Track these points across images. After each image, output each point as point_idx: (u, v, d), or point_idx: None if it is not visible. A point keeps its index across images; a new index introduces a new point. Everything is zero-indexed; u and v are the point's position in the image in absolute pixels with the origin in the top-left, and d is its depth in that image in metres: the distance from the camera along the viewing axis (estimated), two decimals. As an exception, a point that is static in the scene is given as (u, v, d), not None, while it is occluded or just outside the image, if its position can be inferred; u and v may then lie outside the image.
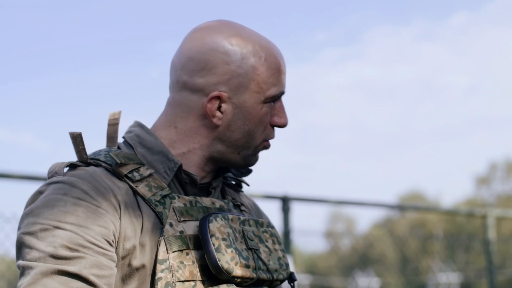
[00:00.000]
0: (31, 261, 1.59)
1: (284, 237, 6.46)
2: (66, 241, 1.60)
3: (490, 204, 36.93)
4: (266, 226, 1.87)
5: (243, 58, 1.79)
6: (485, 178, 40.23)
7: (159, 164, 1.79)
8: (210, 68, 1.79)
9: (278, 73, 1.83)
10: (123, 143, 1.85)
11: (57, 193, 1.66)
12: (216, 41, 1.81)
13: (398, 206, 13.50)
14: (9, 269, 6.45)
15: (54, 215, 1.63)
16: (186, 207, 1.76)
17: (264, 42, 1.84)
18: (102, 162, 1.75)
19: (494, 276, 8.43)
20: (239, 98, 1.80)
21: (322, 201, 7.02)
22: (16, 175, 5.14)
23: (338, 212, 41.94)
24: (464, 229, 25.75)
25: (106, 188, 1.69)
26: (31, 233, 1.62)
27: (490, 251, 8.45)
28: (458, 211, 11.83)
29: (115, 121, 1.84)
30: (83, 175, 1.70)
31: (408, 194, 41.44)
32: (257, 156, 1.89)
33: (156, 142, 1.81)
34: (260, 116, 1.82)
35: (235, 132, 1.81)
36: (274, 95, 1.82)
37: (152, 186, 1.75)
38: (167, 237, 1.69)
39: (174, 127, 1.83)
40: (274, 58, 1.83)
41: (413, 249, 10.71)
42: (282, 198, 6.46)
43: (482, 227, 8.68)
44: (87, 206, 1.65)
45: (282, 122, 1.86)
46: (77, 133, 1.74)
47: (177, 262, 1.68)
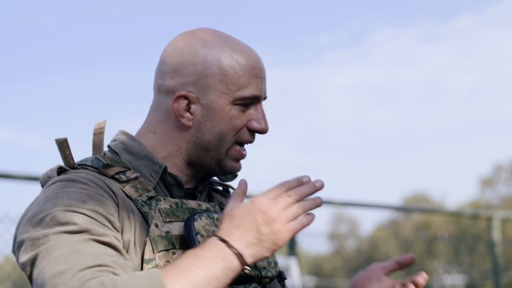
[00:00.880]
0: (52, 241, 1.57)
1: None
2: (83, 219, 1.60)
3: (495, 206, 36.86)
4: None
5: (212, 60, 1.80)
6: (489, 180, 40.14)
7: (145, 168, 1.81)
8: (179, 69, 1.81)
9: (249, 75, 1.82)
10: (108, 151, 1.87)
11: (57, 189, 1.68)
12: (187, 44, 1.83)
13: (402, 208, 13.51)
14: (14, 270, 6.45)
15: (60, 203, 1.63)
16: (172, 209, 1.77)
17: (239, 46, 1.85)
18: (88, 167, 1.76)
19: (499, 278, 8.43)
20: (207, 99, 1.81)
21: (327, 202, 7.02)
22: (19, 176, 5.15)
23: (342, 214, 41.88)
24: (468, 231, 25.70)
25: (102, 183, 1.71)
26: (43, 226, 1.61)
27: (495, 253, 8.44)
28: (462, 213, 11.84)
29: (100, 130, 1.85)
30: (78, 174, 1.72)
31: (413, 196, 41.36)
32: (232, 163, 1.87)
33: (140, 147, 1.83)
34: (229, 118, 1.82)
35: (206, 134, 1.82)
36: (244, 97, 1.82)
37: (138, 188, 1.76)
38: (153, 237, 1.70)
39: (153, 132, 1.86)
40: (247, 61, 1.83)
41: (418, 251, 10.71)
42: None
43: (487, 229, 8.69)
44: (91, 195, 1.66)
45: (260, 127, 1.85)
46: (62, 139, 1.76)
47: (163, 262, 1.69)
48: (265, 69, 1.86)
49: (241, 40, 1.89)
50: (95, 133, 1.85)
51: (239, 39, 1.88)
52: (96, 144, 1.85)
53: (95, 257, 1.55)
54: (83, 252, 1.55)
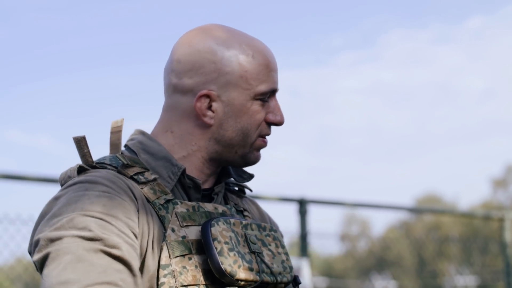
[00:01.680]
0: (65, 244, 1.56)
1: (301, 239, 6.45)
2: (99, 226, 1.59)
3: (507, 206, 36.78)
4: (269, 230, 1.87)
5: (230, 56, 1.80)
6: (501, 180, 40.07)
7: (163, 169, 1.80)
8: (197, 68, 1.80)
9: (267, 69, 1.83)
10: (125, 150, 1.86)
11: (77, 192, 1.66)
12: (203, 42, 1.82)
13: (414, 209, 13.48)
14: (26, 271, 6.46)
15: (80, 206, 1.61)
16: (188, 212, 1.76)
17: (252, 41, 1.85)
18: (107, 165, 1.75)
19: (511, 279, 8.39)
20: (228, 96, 1.80)
21: (339, 203, 7.01)
22: (31, 177, 5.16)
23: (354, 215, 41.84)
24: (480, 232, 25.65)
25: (123, 185, 1.70)
26: (59, 228, 1.59)
27: (507, 253, 8.41)
28: (474, 214, 11.80)
29: (118, 128, 1.83)
30: (99, 174, 1.70)
31: (425, 197, 41.30)
32: (256, 154, 1.88)
33: (159, 148, 1.82)
34: (251, 113, 1.82)
35: (228, 131, 1.81)
36: (264, 92, 1.82)
37: (156, 190, 1.75)
38: (169, 242, 1.69)
39: (171, 131, 1.84)
40: (262, 56, 1.83)
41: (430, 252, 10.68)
42: (299, 201, 6.46)
43: (498, 229, 8.65)
44: (111, 198, 1.64)
45: (277, 120, 1.86)
46: (80, 137, 1.74)
47: (179, 267, 1.68)
48: (276, 62, 1.88)
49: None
50: (113, 131, 1.83)
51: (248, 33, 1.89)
52: (113, 142, 1.84)
53: (104, 270, 1.54)
54: (92, 263, 1.53)
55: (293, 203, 6.47)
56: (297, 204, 6.46)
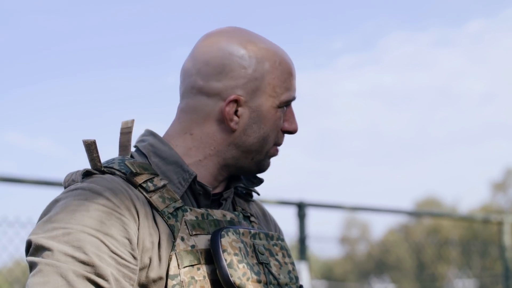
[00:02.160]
0: (56, 260, 1.55)
1: (300, 243, 6.45)
2: (95, 248, 1.58)
3: (506, 210, 36.76)
4: (276, 239, 1.86)
5: (259, 63, 1.79)
6: (501, 184, 40.08)
7: (174, 175, 1.78)
8: (227, 72, 1.78)
9: (291, 77, 1.83)
10: (135, 151, 1.84)
11: (78, 199, 1.64)
12: (232, 46, 1.81)
13: (413, 212, 13.44)
14: (24, 275, 6.46)
15: (77, 220, 1.60)
16: (198, 220, 1.74)
17: (276, 48, 1.85)
18: (116, 171, 1.73)
19: (510, 283, 8.39)
20: (256, 102, 1.79)
21: (338, 207, 7.01)
22: (30, 180, 5.15)
23: (353, 218, 41.84)
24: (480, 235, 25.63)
25: (126, 196, 1.67)
26: (53, 237, 1.58)
27: (506, 257, 8.41)
28: (473, 218, 11.80)
29: (128, 129, 1.81)
30: (103, 182, 1.68)
31: (425, 200, 41.31)
32: (268, 161, 1.88)
33: (170, 152, 1.79)
34: (274, 121, 1.82)
35: (251, 137, 1.80)
36: (287, 100, 1.82)
37: (165, 198, 1.73)
38: (178, 252, 1.68)
39: (190, 134, 1.82)
40: (287, 63, 1.83)
41: (429, 256, 10.67)
42: (298, 204, 6.46)
43: (498, 233, 8.65)
44: (110, 214, 1.62)
45: (293, 127, 1.86)
46: (91, 141, 1.72)
47: (188, 278, 1.67)
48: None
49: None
50: (122, 132, 1.81)
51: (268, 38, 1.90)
52: (123, 144, 1.81)
53: None
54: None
55: (292, 207, 6.47)
56: (296, 208, 6.47)
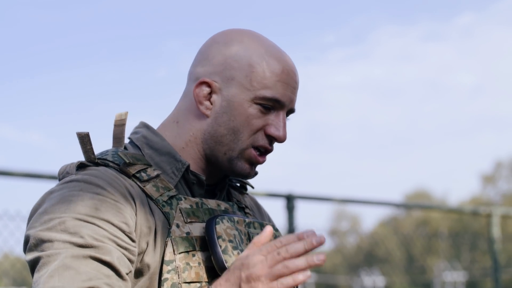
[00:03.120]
0: (55, 249, 1.56)
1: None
2: (92, 232, 1.58)
3: (496, 202, 36.87)
4: None
5: (243, 54, 1.79)
6: (491, 176, 40.19)
7: (167, 165, 1.79)
8: (210, 58, 1.81)
9: (277, 78, 1.79)
10: (129, 143, 1.85)
11: (72, 190, 1.65)
12: (225, 38, 1.83)
13: (402, 204, 13.49)
14: (13, 267, 6.45)
15: (72, 209, 1.61)
16: (192, 209, 1.75)
17: (276, 51, 1.82)
18: (109, 162, 1.74)
19: (499, 275, 8.41)
20: (229, 91, 1.79)
21: (327, 199, 7.01)
22: (18, 173, 5.13)
23: (343, 211, 41.90)
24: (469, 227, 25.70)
25: (120, 185, 1.69)
26: (50, 228, 1.59)
27: (494, 249, 8.42)
28: (462, 210, 11.80)
29: (121, 121, 1.82)
30: (96, 174, 1.69)
31: (414, 193, 41.39)
32: (244, 165, 1.82)
33: (163, 143, 1.81)
34: (246, 115, 1.79)
35: (221, 127, 1.79)
36: (265, 97, 1.78)
37: (159, 187, 1.74)
38: (174, 238, 1.68)
39: (177, 121, 1.84)
40: (278, 65, 1.80)
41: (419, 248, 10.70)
42: (287, 197, 6.45)
43: (487, 225, 8.67)
44: (105, 201, 1.63)
45: (277, 134, 1.81)
46: (84, 133, 1.73)
47: (183, 264, 1.68)
48: (298, 81, 1.84)
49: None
50: (116, 124, 1.82)
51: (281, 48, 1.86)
52: (116, 136, 1.82)
53: (90, 277, 1.53)
54: (79, 270, 1.53)
55: (281, 199, 6.47)
56: (285, 200, 6.47)
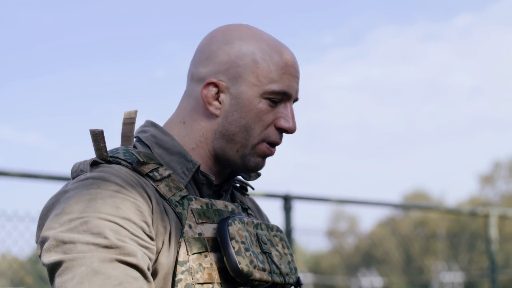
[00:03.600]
0: (80, 253, 1.53)
1: (286, 235, 6.44)
2: (114, 232, 1.56)
3: (494, 203, 36.88)
4: (276, 230, 1.87)
5: (246, 51, 1.79)
6: (489, 177, 40.19)
7: (177, 165, 1.78)
8: (212, 57, 1.80)
9: (282, 71, 1.80)
10: (137, 142, 1.83)
11: (89, 188, 1.62)
12: (225, 35, 1.83)
13: (401, 205, 13.47)
14: (11, 268, 6.45)
15: (93, 208, 1.58)
16: (203, 209, 1.75)
17: (276, 43, 1.84)
18: (122, 160, 1.73)
19: (496, 275, 8.41)
20: (237, 89, 1.79)
21: (324, 199, 7.01)
22: (16, 173, 5.13)
23: (341, 211, 41.92)
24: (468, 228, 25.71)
25: (137, 184, 1.67)
26: (72, 229, 1.56)
27: (492, 250, 8.42)
28: (460, 210, 11.82)
29: (130, 120, 1.80)
30: (112, 171, 1.67)
31: (413, 193, 41.39)
32: (257, 159, 1.84)
33: (173, 142, 1.80)
34: (257, 111, 1.79)
35: (232, 125, 1.79)
36: (273, 91, 1.79)
37: (171, 187, 1.73)
38: (187, 238, 1.68)
39: (183, 122, 1.83)
40: (281, 57, 1.81)
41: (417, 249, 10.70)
42: (284, 197, 6.46)
43: (484, 226, 8.67)
44: (124, 199, 1.61)
45: (287, 126, 1.82)
46: (98, 131, 1.71)
47: (196, 264, 1.67)
48: (299, 70, 1.86)
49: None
50: (125, 123, 1.81)
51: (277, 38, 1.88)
52: (125, 134, 1.81)
53: (120, 282, 1.51)
54: (108, 275, 1.51)
55: (278, 199, 6.47)
56: (282, 200, 6.47)
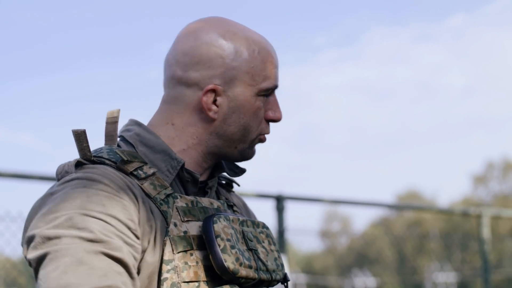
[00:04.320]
0: (64, 244, 1.53)
1: (279, 236, 6.45)
2: (100, 227, 1.56)
3: (487, 203, 36.92)
4: (262, 227, 1.87)
5: (237, 52, 1.80)
6: (482, 177, 40.22)
7: (162, 163, 1.78)
8: (204, 61, 1.80)
9: (271, 66, 1.83)
10: (121, 141, 1.83)
11: (75, 188, 1.62)
12: (210, 36, 1.82)
13: (394, 205, 13.48)
14: (3, 268, 6.44)
15: (78, 205, 1.58)
16: (188, 207, 1.75)
17: (257, 36, 1.85)
18: (106, 160, 1.73)
19: (489, 275, 8.43)
20: (234, 91, 1.80)
21: (317, 200, 7.01)
22: (8, 174, 5.12)
23: (334, 212, 41.92)
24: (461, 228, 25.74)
25: (122, 182, 1.67)
26: (57, 226, 1.56)
27: (484, 250, 8.44)
28: (453, 211, 11.84)
29: (113, 119, 1.80)
30: (97, 171, 1.67)
31: (406, 194, 41.43)
32: (253, 149, 1.88)
33: (157, 140, 1.80)
34: (254, 109, 1.82)
35: (231, 126, 1.81)
36: (267, 88, 1.82)
37: (156, 185, 1.73)
38: (172, 237, 1.68)
39: (172, 124, 1.83)
40: (267, 52, 1.84)
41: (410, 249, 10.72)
42: (277, 197, 6.46)
43: (477, 226, 8.69)
44: (110, 197, 1.62)
45: (276, 116, 1.86)
46: (80, 130, 1.71)
47: (182, 263, 1.67)
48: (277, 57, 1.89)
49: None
50: (108, 122, 1.80)
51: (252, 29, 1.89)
52: (109, 133, 1.81)
53: (105, 274, 1.51)
54: (93, 266, 1.52)
55: (271, 200, 6.47)
56: (275, 201, 6.47)
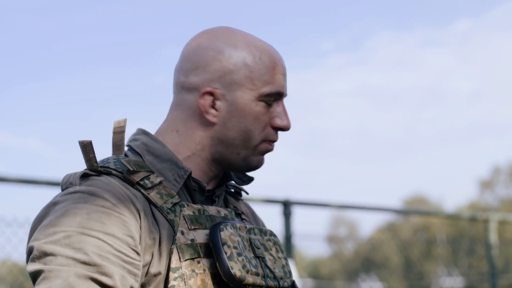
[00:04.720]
0: (59, 266, 1.56)
1: (286, 241, 6.46)
2: (96, 248, 1.58)
3: (494, 208, 36.86)
4: (269, 235, 1.88)
5: (237, 56, 1.80)
6: (488, 182, 40.17)
7: (169, 172, 1.78)
8: (203, 66, 1.80)
9: (273, 71, 1.82)
10: (129, 150, 1.84)
11: (77, 202, 1.64)
12: (211, 41, 1.83)
13: (401, 210, 13.49)
14: (10, 273, 6.46)
15: (77, 222, 1.60)
16: (195, 215, 1.76)
17: (261, 43, 1.85)
18: (112, 170, 1.73)
19: (496, 280, 8.42)
20: (233, 95, 1.80)
21: (324, 205, 7.02)
22: (15, 179, 5.13)
23: (341, 217, 41.86)
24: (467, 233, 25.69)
25: (124, 196, 1.68)
26: (54, 242, 1.58)
27: (491, 255, 8.43)
28: (460, 216, 11.82)
29: (120, 129, 1.81)
30: (100, 185, 1.68)
31: (413, 198, 41.35)
32: (259, 158, 1.87)
33: (164, 149, 1.80)
34: (255, 114, 1.81)
35: (231, 130, 1.80)
36: (269, 93, 1.81)
37: (163, 194, 1.74)
38: (179, 245, 1.69)
39: (176, 130, 1.83)
40: (270, 58, 1.83)
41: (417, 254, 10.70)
42: (284, 202, 6.46)
43: (484, 231, 8.67)
44: (110, 214, 1.63)
45: (283, 124, 1.85)
46: (87, 141, 1.72)
47: (189, 271, 1.68)
48: (285, 66, 1.88)
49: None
50: (115, 131, 1.81)
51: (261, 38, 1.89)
52: (116, 143, 1.81)
53: None
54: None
55: (278, 205, 6.48)
56: (282, 206, 6.47)
